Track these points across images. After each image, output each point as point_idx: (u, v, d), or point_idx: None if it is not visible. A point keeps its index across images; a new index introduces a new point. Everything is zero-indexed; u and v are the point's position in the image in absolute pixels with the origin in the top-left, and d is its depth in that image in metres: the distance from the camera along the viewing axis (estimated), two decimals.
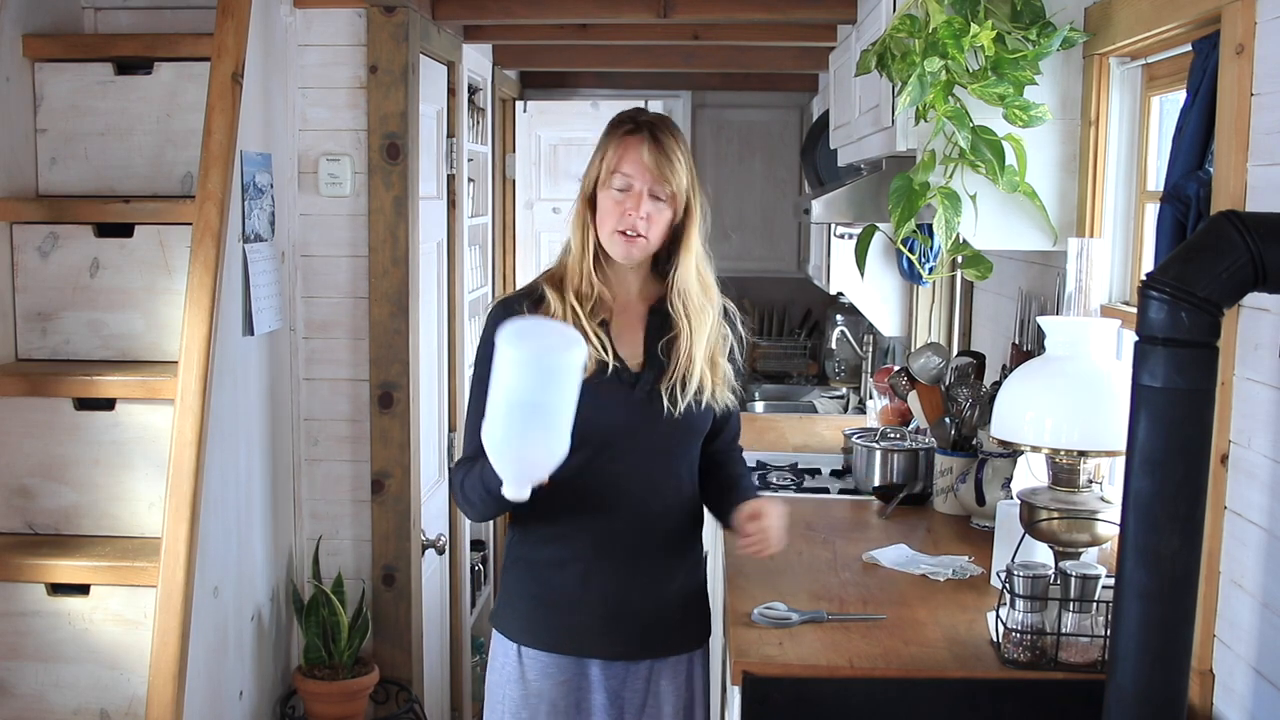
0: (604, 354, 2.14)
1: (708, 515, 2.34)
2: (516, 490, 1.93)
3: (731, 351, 2.26)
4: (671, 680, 2.25)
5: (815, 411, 5.12)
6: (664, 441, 2.19)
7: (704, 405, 2.18)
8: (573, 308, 2.15)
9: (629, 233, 2.13)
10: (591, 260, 2.17)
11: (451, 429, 4.29)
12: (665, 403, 2.15)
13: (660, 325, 2.20)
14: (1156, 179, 2.47)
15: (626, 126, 2.16)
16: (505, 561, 2.30)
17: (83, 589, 2.70)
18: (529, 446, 1.90)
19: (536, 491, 1.98)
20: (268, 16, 3.21)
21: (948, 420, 3.04)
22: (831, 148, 3.88)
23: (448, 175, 4.21)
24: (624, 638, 2.21)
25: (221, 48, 2.88)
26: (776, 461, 3.65)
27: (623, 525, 2.18)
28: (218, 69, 2.87)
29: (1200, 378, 1.58)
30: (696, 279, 2.19)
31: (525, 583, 2.23)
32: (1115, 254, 2.55)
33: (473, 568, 4.78)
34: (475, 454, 2.14)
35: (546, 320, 2.08)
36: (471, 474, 2.13)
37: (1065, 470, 2.08)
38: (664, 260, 2.22)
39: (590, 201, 2.17)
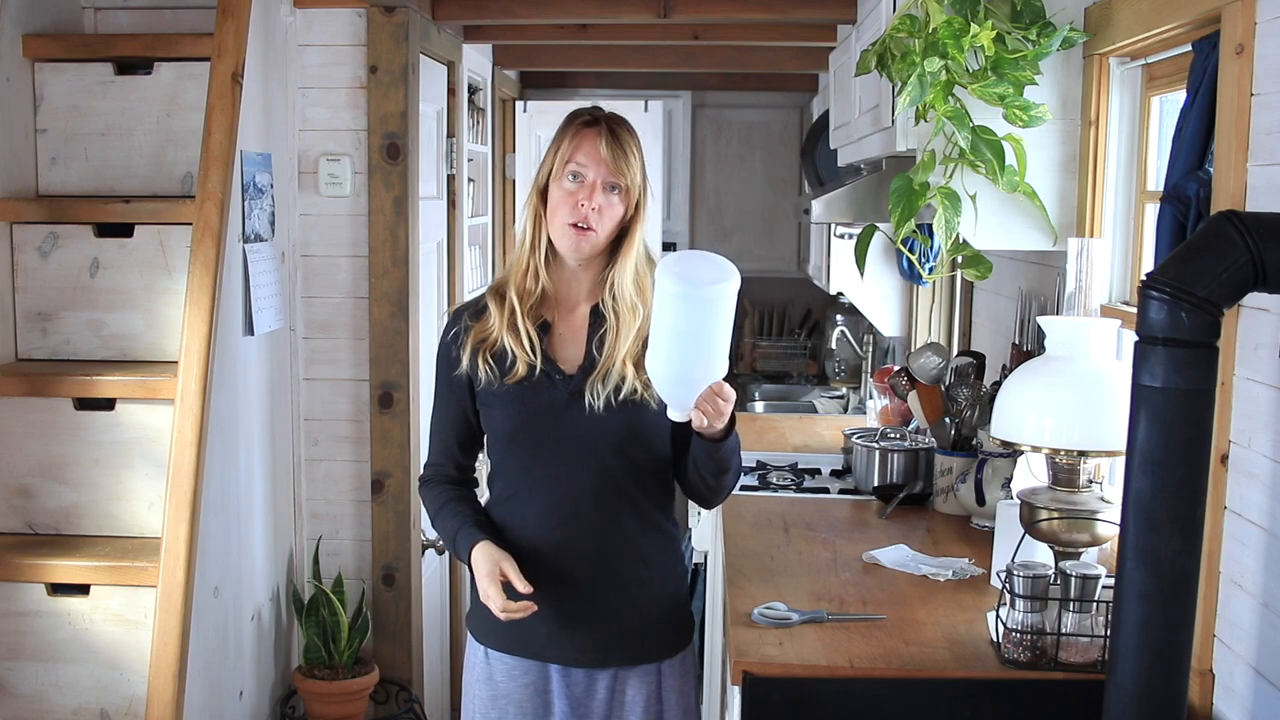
0: (532, 356, 2.11)
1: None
2: (681, 414, 2.00)
3: None
4: (639, 690, 2.18)
5: (815, 411, 5.12)
6: (593, 443, 2.12)
7: (635, 403, 2.10)
8: (511, 307, 2.14)
9: (580, 225, 2.10)
10: (541, 257, 2.15)
11: None
12: (587, 400, 2.10)
13: (597, 324, 2.17)
14: (1156, 179, 2.47)
15: (583, 118, 2.14)
16: None
17: (83, 589, 2.70)
18: (692, 370, 1.96)
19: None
20: (268, 16, 3.21)
21: (948, 420, 3.04)
22: (831, 148, 3.88)
23: (448, 175, 4.21)
24: (580, 645, 2.16)
25: (221, 48, 2.88)
26: (776, 461, 3.65)
27: (567, 532, 2.14)
28: (218, 69, 2.87)
29: (1200, 378, 1.58)
30: (633, 278, 2.14)
31: None
32: (1115, 254, 2.55)
33: None
34: (438, 471, 2.25)
35: (702, 253, 2.00)
36: (444, 520, 2.20)
37: (1065, 470, 2.08)
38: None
39: (542, 196, 2.15)
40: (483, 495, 2.29)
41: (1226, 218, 1.59)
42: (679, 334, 1.92)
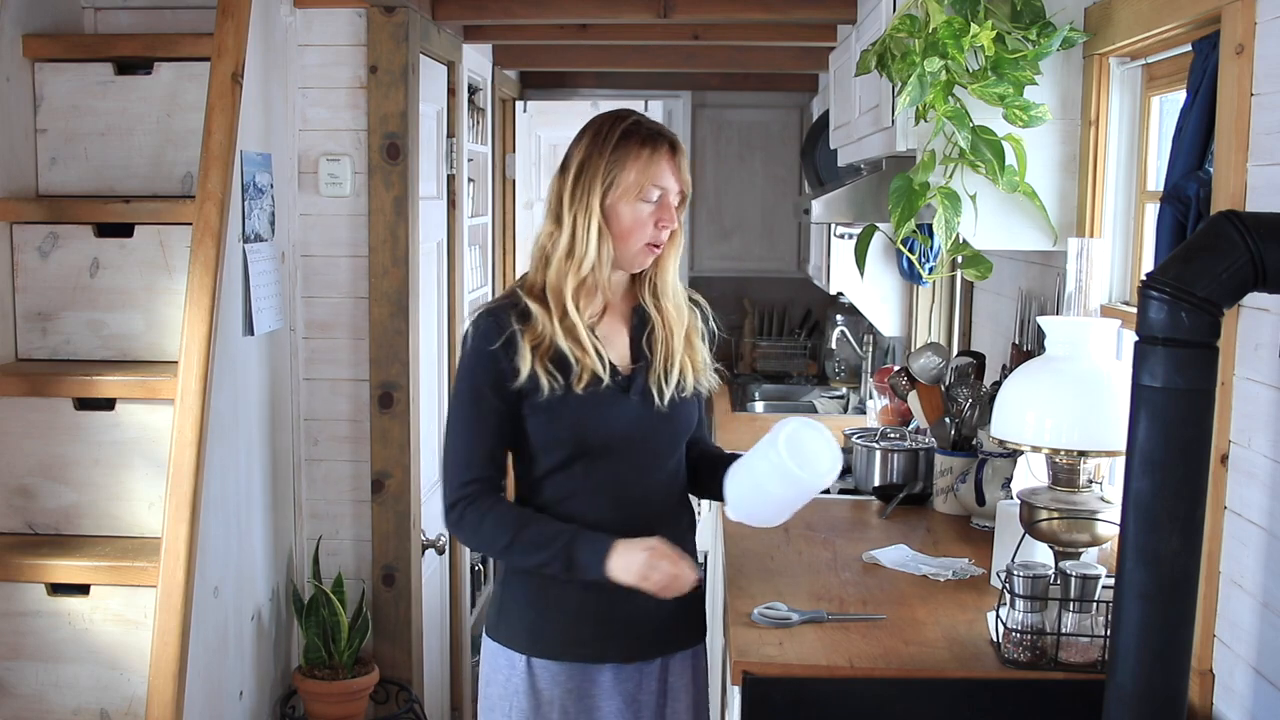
0: (598, 362, 2.11)
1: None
2: (733, 515, 2.19)
3: (703, 336, 2.28)
4: (682, 675, 2.27)
5: (815, 411, 5.12)
6: (658, 441, 2.18)
7: (687, 395, 2.19)
8: (574, 320, 2.11)
9: (657, 244, 2.14)
10: (607, 272, 2.14)
11: None
12: (656, 401, 2.15)
13: (641, 323, 2.20)
14: (1156, 179, 2.46)
15: (646, 138, 2.12)
16: (504, 575, 2.26)
17: (83, 589, 2.70)
18: (756, 518, 2.18)
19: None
20: (268, 16, 3.21)
21: (948, 420, 3.04)
22: (831, 148, 3.88)
23: (448, 175, 4.21)
24: (636, 640, 2.20)
25: (221, 48, 2.88)
26: None
27: (629, 529, 2.15)
28: (218, 69, 2.87)
29: (1200, 378, 1.58)
30: (674, 277, 2.22)
31: (526, 593, 2.19)
32: (1115, 254, 2.55)
33: (473, 568, 4.78)
34: (489, 485, 2.12)
35: (825, 434, 2.10)
36: (533, 534, 2.10)
37: (1065, 470, 2.08)
38: None
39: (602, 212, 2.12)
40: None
41: (1226, 218, 1.59)
42: (761, 491, 2.11)
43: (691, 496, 2.32)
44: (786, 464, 2.03)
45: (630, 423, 2.15)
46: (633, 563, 2.05)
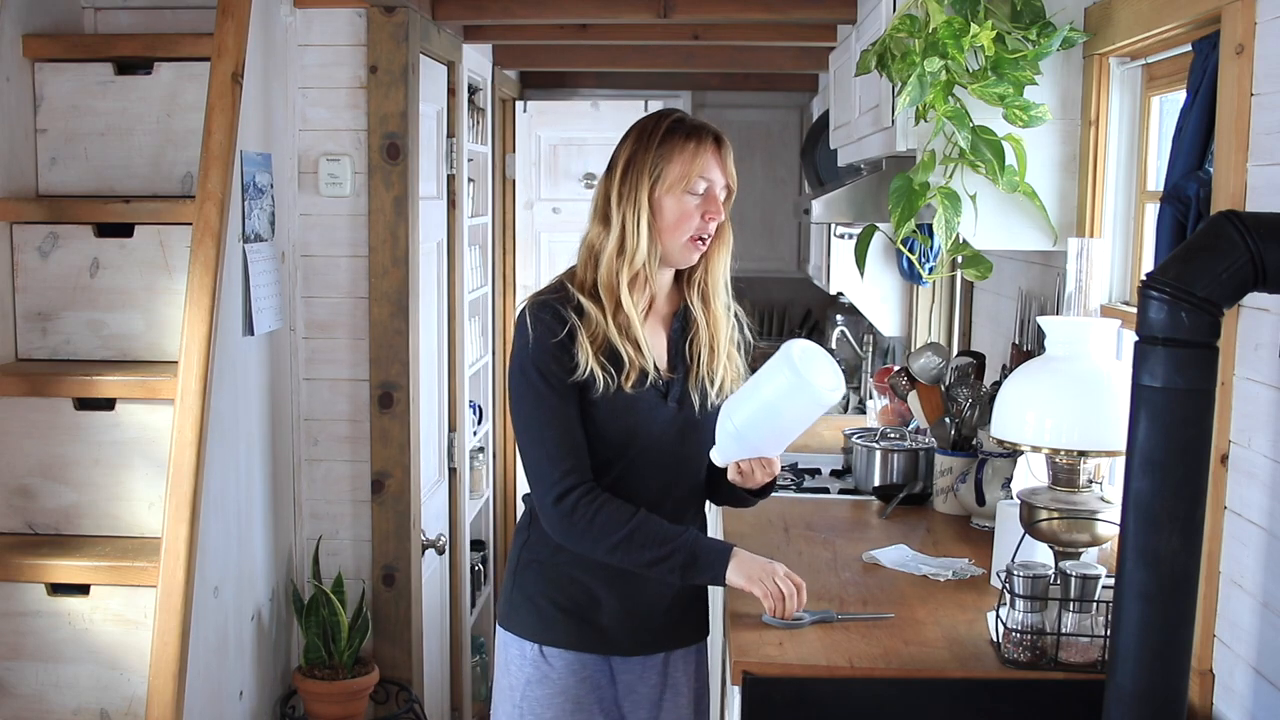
0: (647, 365, 2.13)
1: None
2: (721, 462, 2.14)
3: (739, 347, 2.30)
4: (684, 670, 2.31)
5: None
6: (689, 448, 2.21)
7: (719, 403, 2.19)
8: (628, 316, 2.12)
9: (703, 237, 2.15)
10: (656, 264, 2.15)
11: (451, 429, 4.29)
12: (692, 407, 2.18)
13: (682, 326, 2.22)
14: (1156, 179, 2.46)
15: (691, 132, 2.14)
16: (517, 564, 2.27)
17: (83, 589, 2.70)
18: (760, 441, 2.11)
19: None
20: (268, 16, 3.21)
21: (948, 420, 3.04)
22: (831, 148, 3.88)
23: (448, 175, 4.21)
24: (643, 634, 2.24)
25: (221, 48, 2.88)
26: None
27: None
28: (218, 69, 2.87)
29: (1200, 378, 1.58)
30: (724, 278, 2.24)
31: (542, 584, 2.23)
32: (1115, 254, 2.55)
33: (473, 568, 4.77)
34: (583, 476, 2.10)
35: (828, 356, 2.09)
36: (650, 532, 2.08)
37: (1065, 470, 2.08)
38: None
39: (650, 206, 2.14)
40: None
41: (1226, 218, 1.59)
42: (770, 409, 2.07)
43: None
44: (802, 377, 2.01)
45: (666, 426, 2.17)
46: (755, 569, 2.09)
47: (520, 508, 2.37)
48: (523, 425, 2.13)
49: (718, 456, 2.14)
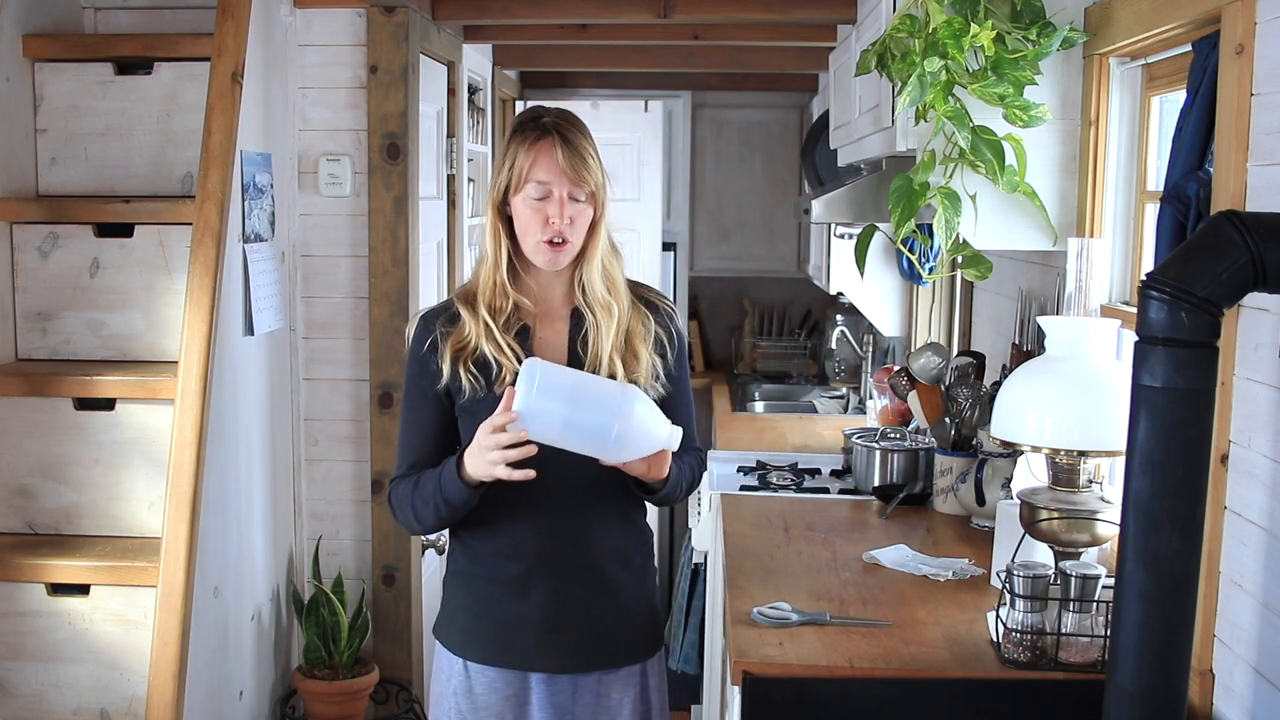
0: (516, 364, 2.06)
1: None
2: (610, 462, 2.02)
3: (661, 345, 2.17)
4: (625, 692, 2.19)
5: (815, 411, 5.11)
6: None
7: None
8: (485, 323, 2.10)
9: (555, 240, 2.08)
10: (505, 273, 2.12)
11: None
12: None
13: (578, 325, 2.16)
14: (1156, 179, 2.46)
15: (531, 131, 2.08)
16: (446, 574, 2.25)
17: (83, 589, 2.70)
18: (593, 427, 1.96)
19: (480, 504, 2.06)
20: (268, 16, 3.21)
21: (948, 420, 3.04)
22: (831, 148, 3.88)
23: (448, 175, 4.21)
24: (566, 650, 2.14)
25: (221, 48, 2.88)
26: (776, 461, 3.65)
27: (557, 537, 2.12)
28: (218, 69, 2.87)
29: (1200, 378, 1.58)
30: (601, 275, 2.13)
31: (464, 596, 2.19)
32: (1115, 254, 2.55)
33: None
34: (412, 470, 2.15)
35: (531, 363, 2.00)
36: (423, 488, 2.09)
37: (1065, 470, 2.08)
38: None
39: (501, 211, 2.12)
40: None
41: (1226, 218, 1.59)
42: (572, 429, 1.95)
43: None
44: (629, 402, 1.94)
45: None
46: (475, 458, 1.98)
47: None
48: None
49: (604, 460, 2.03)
